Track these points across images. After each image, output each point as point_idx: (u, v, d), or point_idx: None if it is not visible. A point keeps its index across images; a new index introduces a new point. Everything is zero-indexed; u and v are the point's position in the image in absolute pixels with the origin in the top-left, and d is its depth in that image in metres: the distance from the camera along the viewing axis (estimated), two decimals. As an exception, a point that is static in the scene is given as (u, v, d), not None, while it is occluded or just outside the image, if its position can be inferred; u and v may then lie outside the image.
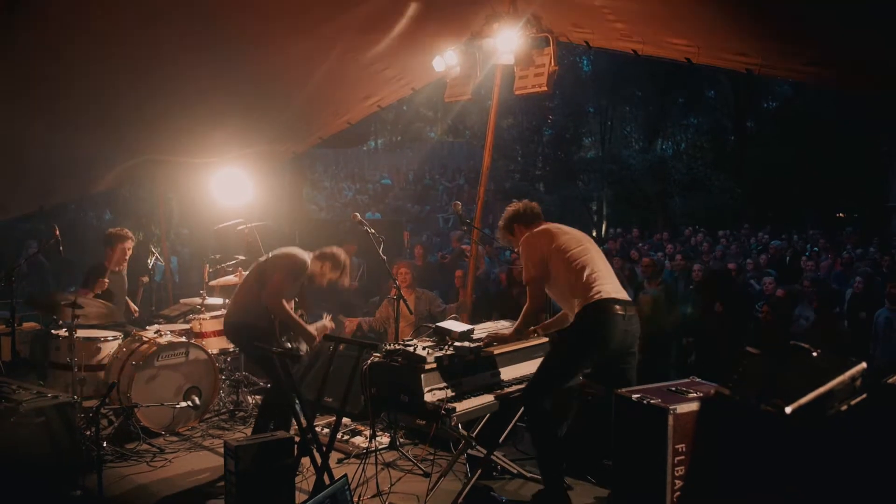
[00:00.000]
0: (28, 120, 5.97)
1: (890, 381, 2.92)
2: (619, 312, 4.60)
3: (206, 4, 5.18)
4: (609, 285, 4.68)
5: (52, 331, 6.33)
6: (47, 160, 7.11)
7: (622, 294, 4.73)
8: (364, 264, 10.43)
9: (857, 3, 4.32)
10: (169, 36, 5.35)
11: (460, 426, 4.60)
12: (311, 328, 5.48)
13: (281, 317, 5.37)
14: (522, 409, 5.34)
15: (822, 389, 2.72)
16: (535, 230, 4.95)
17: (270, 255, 5.60)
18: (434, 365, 4.56)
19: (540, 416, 4.67)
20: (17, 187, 7.68)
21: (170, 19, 5.13)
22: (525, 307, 4.91)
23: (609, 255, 11.87)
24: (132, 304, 7.39)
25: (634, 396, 4.44)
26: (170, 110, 6.66)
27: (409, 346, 4.74)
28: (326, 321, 5.69)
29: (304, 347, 5.72)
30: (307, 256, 5.58)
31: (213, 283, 7.32)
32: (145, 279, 8.11)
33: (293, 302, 5.71)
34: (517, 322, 5.03)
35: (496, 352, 5.05)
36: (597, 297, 4.58)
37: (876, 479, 2.45)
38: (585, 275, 4.65)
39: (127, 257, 7.02)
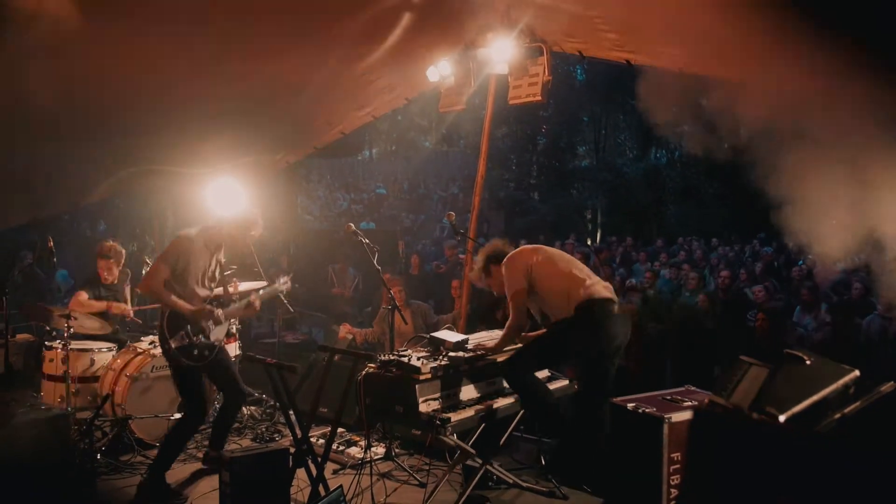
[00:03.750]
0: (20, 130, 5.95)
1: (883, 388, 2.93)
2: (615, 311, 4.79)
3: (201, 15, 5.19)
4: (600, 286, 4.84)
5: (46, 342, 6.31)
6: (40, 171, 7.09)
7: (612, 293, 4.89)
8: (359, 275, 10.43)
9: (850, 14, 4.34)
10: (163, 46, 5.35)
11: (455, 436, 4.60)
12: (190, 307, 5.12)
13: (156, 298, 5.12)
14: (518, 418, 5.36)
15: (815, 397, 2.72)
16: (514, 251, 5.10)
17: None
18: (429, 375, 4.57)
19: (523, 385, 4.81)
20: (10, 198, 7.65)
21: (165, 29, 5.13)
22: (509, 322, 5.01)
23: (602, 265, 11.95)
24: (127, 307, 7.33)
25: (630, 405, 4.45)
26: (164, 120, 6.65)
27: (404, 356, 4.74)
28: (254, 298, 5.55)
29: (218, 334, 5.33)
30: (190, 231, 5.29)
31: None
32: (139, 290, 8.08)
33: (207, 285, 5.39)
34: (501, 336, 5.07)
35: (491, 361, 5.05)
36: (596, 294, 4.74)
37: (870, 488, 2.46)
38: (577, 277, 4.82)
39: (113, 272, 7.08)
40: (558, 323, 4.95)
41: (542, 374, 5.39)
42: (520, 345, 5.24)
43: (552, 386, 5.22)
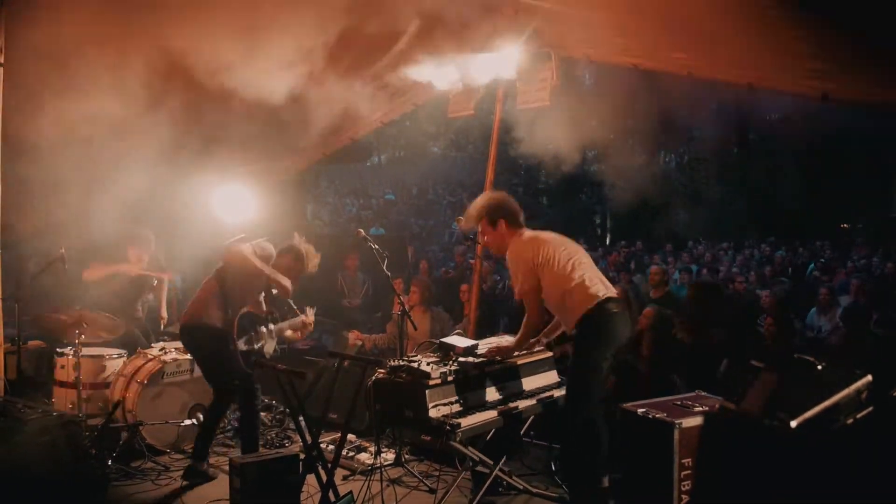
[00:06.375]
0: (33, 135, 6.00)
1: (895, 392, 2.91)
2: (615, 311, 4.67)
3: (210, 20, 5.23)
4: (600, 286, 4.72)
5: (57, 349, 6.34)
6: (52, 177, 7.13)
7: (612, 291, 4.78)
8: (368, 280, 10.44)
9: (858, 14, 4.33)
10: (171, 47, 5.40)
11: (466, 441, 4.60)
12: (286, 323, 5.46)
13: (238, 259, 5.34)
14: (527, 424, 5.35)
15: (827, 403, 2.70)
16: (521, 240, 4.91)
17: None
18: (439, 381, 4.56)
19: (579, 434, 4.65)
20: (24, 205, 7.70)
21: (175, 37, 5.18)
22: (525, 320, 4.94)
23: (613, 269, 11.93)
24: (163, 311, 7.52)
25: (640, 411, 4.44)
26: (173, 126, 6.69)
27: (414, 361, 4.75)
28: (305, 317, 5.69)
29: (268, 348, 5.72)
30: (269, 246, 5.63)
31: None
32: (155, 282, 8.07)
33: (261, 303, 5.75)
34: (518, 335, 5.04)
35: (501, 367, 5.05)
36: (595, 301, 4.61)
37: (883, 493, 2.44)
38: (578, 280, 4.68)
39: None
40: (575, 349, 4.81)
41: (552, 378, 5.38)
42: (539, 344, 5.24)
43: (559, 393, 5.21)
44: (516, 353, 5.12)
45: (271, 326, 5.69)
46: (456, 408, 4.58)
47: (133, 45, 5.33)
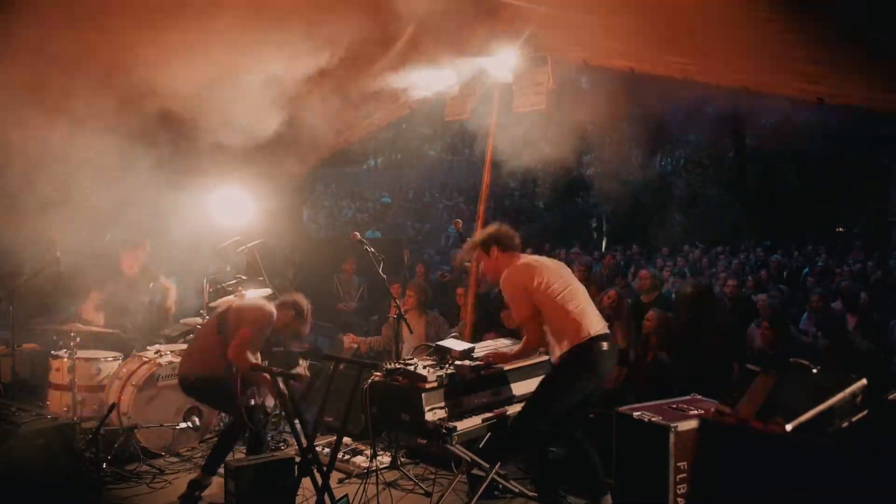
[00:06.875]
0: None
1: (891, 397, 2.92)
2: (605, 349, 4.64)
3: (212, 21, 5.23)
4: (593, 321, 4.69)
5: (52, 352, 6.33)
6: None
7: (604, 327, 4.75)
8: (364, 283, 10.43)
9: (853, 18, 4.35)
10: (174, 48, 5.39)
11: (461, 445, 4.60)
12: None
13: (245, 371, 5.20)
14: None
15: (822, 406, 2.71)
16: (516, 266, 4.86)
17: (233, 307, 5.53)
18: (435, 384, 4.57)
19: (530, 441, 4.67)
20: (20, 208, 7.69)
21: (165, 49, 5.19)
22: (524, 342, 4.92)
23: (607, 271, 11.92)
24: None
25: (635, 414, 4.44)
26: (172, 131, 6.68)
27: (410, 365, 4.74)
28: (300, 369, 5.62)
29: (270, 402, 5.60)
30: (272, 307, 5.47)
31: (212, 303, 7.30)
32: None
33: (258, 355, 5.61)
34: (517, 348, 5.04)
35: (497, 370, 5.05)
36: (585, 336, 4.57)
37: (878, 496, 2.45)
38: (570, 312, 4.64)
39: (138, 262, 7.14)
40: (558, 372, 4.77)
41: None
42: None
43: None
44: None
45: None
46: (452, 411, 4.59)
47: (128, 51, 5.32)
